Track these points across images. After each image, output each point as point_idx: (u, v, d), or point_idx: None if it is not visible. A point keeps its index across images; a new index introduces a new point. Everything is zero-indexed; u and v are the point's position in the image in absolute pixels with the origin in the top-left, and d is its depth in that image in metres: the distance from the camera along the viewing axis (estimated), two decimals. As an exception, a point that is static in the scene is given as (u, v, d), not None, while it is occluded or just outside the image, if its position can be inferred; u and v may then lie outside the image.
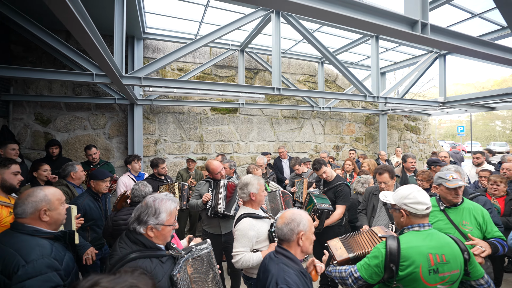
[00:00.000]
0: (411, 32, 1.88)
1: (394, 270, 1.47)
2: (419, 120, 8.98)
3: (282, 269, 1.36)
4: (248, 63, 6.37)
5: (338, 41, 5.96)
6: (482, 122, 51.21)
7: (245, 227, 2.12)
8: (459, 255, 1.49)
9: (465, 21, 4.81)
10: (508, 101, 6.09)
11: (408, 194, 1.57)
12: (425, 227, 1.56)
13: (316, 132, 7.18)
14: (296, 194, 4.21)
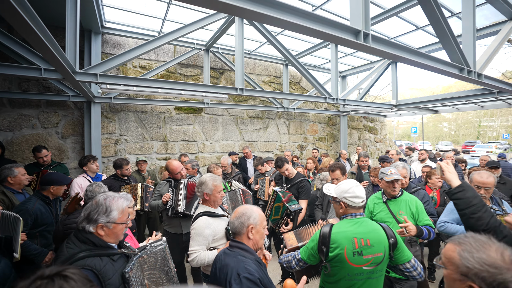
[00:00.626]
0: (355, 41, 2.06)
1: (325, 251, 1.64)
2: (376, 121, 9.66)
3: (241, 260, 1.41)
4: (214, 62, 6.37)
5: (301, 45, 6.21)
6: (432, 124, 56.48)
7: (201, 226, 2.15)
8: (384, 240, 1.68)
9: (411, 32, 5.31)
10: (447, 105, 6.83)
11: (348, 189, 1.74)
12: (356, 216, 1.74)
13: (281, 132, 7.39)
14: (259, 192, 4.31)
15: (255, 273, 1.34)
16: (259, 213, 1.61)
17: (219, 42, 6.02)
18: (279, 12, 1.82)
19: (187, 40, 5.72)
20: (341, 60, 7.15)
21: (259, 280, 1.32)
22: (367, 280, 1.67)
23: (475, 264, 0.87)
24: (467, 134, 51.51)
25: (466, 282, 0.88)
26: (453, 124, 55.91)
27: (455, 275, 0.92)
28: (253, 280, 1.31)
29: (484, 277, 0.85)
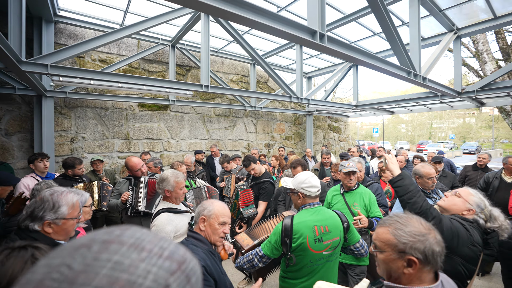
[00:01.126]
0: (312, 40, 2.17)
1: (288, 243, 1.70)
2: (340, 121, 10.16)
3: (190, 250, 1.41)
4: (180, 59, 6.23)
5: (268, 45, 6.32)
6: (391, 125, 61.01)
7: (162, 222, 2.10)
8: (340, 225, 1.81)
9: (369, 38, 5.68)
10: (401, 106, 7.43)
11: (305, 179, 1.83)
12: (314, 205, 1.84)
13: (249, 131, 7.46)
14: (225, 189, 4.32)
15: (200, 261, 1.32)
16: (218, 208, 1.55)
17: (185, 39, 5.91)
18: (243, 10, 1.87)
19: (151, 34, 5.53)
20: (307, 61, 7.40)
21: (204, 268, 1.30)
22: (326, 264, 1.78)
23: (409, 237, 0.97)
24: (421, 135, 56.34)
25: (404, 257, 0.96)
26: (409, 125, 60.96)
27: (394, 254, 0.99)
28: None
29: (418, 247, 0.95)
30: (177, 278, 0.35)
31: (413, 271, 0.97)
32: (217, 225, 1.52)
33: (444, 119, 57.07)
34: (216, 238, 1.52)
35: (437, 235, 0.99)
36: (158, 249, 0.36)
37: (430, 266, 0.97)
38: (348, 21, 4.64)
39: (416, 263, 0.96)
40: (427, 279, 0.99)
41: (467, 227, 1.56)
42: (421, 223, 1.01)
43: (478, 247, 1.56)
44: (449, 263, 1.57)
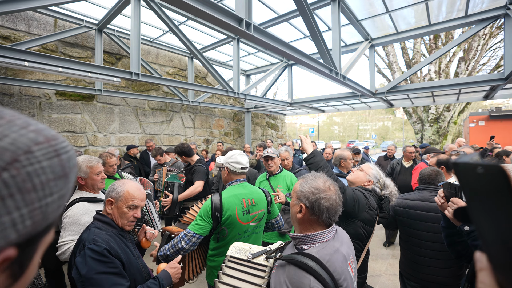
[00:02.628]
0: (238, 27, 2.27)
1: (219, 216, 1.74)
2: (277, 119, 10.70)
3: (93, 232, 1.31)
4: (109, 46, 5.71)
5: (206, 38, 6.27)
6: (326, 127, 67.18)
7: (77, 213, 1.90)
8: (264, 198, 1.95)
9: (301, 39, 6.15)
10: (330, 105, 8.25)
11: (231, 155, 1.92)
12: (241, 181, 1.93)
13: (186, 126, 7.26)
14: (157, 183, 4.13)
15: (102, 244, 1.25)
16: (129, 190, 1.45)
17: (115, 24, 5.45)
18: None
19: (72, 15, 4.93)
20: (245, 58, 7.59)
21: (106, 250, 1.24)
22: (252, 235, 1.88)
23: (307, 189, 1.15)
24: (350, 135, 63.44)
25: (299, 203, 1.15)
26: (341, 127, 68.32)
27: (295, 200, 1.18)
28: (98, 251, 1.22)
29: (309, 197, 1.13)
30: (43, 148, 0.30)
31: (301, 216, 1.14)
32: (126, 209, 1.42)
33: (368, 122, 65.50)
34: (124, 222, 1.44)
35: (332, 195, 1.16)
36: (22, 122, 0.31)
37: (316, 217, 1.13)
38: (281, 21, 4.94)
39: (303, 210, 1.13)
40: (319, 229, 1.15)
41: (366, 195, 1.85)
42: (324, 182, 1.18)
43: (374, 211, 1.86)
44: (352, 227, 1.84)
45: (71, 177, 0.33)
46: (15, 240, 0.27)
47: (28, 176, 0.28)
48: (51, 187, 0.30)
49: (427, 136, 10.65)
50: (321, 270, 0.98)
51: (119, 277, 1.25)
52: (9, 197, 0.26)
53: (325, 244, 1.10)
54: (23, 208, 0.27)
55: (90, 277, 1.17)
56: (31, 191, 0.28)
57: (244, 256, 1.28)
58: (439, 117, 10.46)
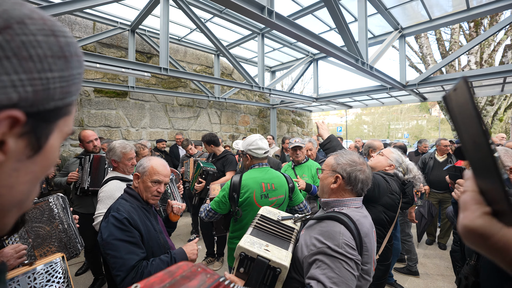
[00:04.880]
0: (260, 15, 2.30)
1: (236, 197, 1.80)
2: (303, 116, 10.58)
3: (119, 203, 1.42)
4: (140, 46, 6.05)
5: (231, 35, 6.39)
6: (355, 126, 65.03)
7: (111, 188, 2.08)
8: (285, 184, 1.96)
9: (328, 31, 6.02)
10: (357, 100, 7.98)
11: (252, 141, 1.94)
12: (263, 165, 1.97)
13: (213, 122, 7.46)
14: (185, 174, 4.30)
15: (123, 213, 1.34)
16: (154, 165, 1.54)
17: (146, 24, 5.76)
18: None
19: (108, 17, 5.30)
20: (270, 54, 7.61)
21: (126, 219, 1.32)
22: None
23: (343, 161, 1.24)
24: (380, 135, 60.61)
25: (334, 175, 1.24)
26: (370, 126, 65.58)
27: (329, 172, 1.26)
28: (119, 219, 1.31)
29: (346, 169, 1.21)
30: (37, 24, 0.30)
31: (336, 186, 1.22)
32: (150, 183, 1.50)
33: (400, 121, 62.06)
34: (149, 195, 1.51)
35: (366, 168, 1.24)
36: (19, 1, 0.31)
37: (351, 187, 1.21)
38: (306, 13, 4.89)
39: (339, 180, 1.21)
40: (348, 197, 1.23)
41: (387, 179, 1.79)
42: (358, 157, 1.27)
43: (396, 196, 1.80)
44: (373, 211, 1.79)
45: (73, 63, 0.34)
46: (17, 100, 0.28)
47: (22, 45, 0.29)
48: (50, 63, 0.31)
49: (466, 132, 9.85)
50: (351, 224, 1.06)
51: (135, 246, 1.32)
52: (5, 58, 0.27)
53: (355, 209, 1.18)
54: (22, 74, 0.28)
55: (109, 242, 1.27)
56: (28, 60, 0.29)
57: (274, 217, 1.33)
58: (481, 112, 9.64)
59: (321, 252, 1.00)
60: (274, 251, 1.09)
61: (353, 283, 0.96)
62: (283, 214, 1.35)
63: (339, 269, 0.95)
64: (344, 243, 0.99)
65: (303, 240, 1.14)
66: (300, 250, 1.12)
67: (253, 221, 1.31)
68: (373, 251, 1.11)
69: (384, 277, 1.88)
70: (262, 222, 1.29)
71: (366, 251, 1.06)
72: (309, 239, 1.09)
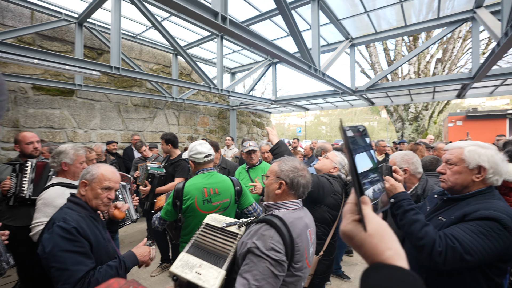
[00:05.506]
0: (214, 21, 2.32)
1: (179, 205, 1.82)
2: (263, 117, 10.79)
3: (64, 212, 1.35)
4: (90, 41, 5.61)
5: (190, 35, 6.26)
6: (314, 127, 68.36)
7: (52, 195, 1.92)
8: (231, 188, 2.01)
9: (286, 37, 6.23)
10: (313, 103, 8.41)
11: (192, 147, 1.98)
12: (207, 170, 2.00)
13: (170, 123, 7.22)
14: (139, 178, 4.11)
15: (72, 222, 1.28)
16: (103, 172, 1.49)
17: (97, 18, 5.37)
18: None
19: (50, 7, 4.82)
20: (230, 56, 7.62)
21: (75, 229, 1.27)
22: None
23: (286, 168, 1.33)
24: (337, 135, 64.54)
25: (279, 181, 1.32)
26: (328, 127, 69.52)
27: (273, 179, 1.34)
28: (67, 228, 1.25)
29: (288, 175, 1.30)
30: None
31: (280, 192, 1.31)
32: (100, 190, 1.46)
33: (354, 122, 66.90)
34: (98, 202, 1.47)
35: (306, 174, 1.35)
36: None
37: (294, 191, 1.32)
38: (263, 19, 5.01)
39: (283, 186, 1.30)
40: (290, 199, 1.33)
41: (331, 181, 1.95)
42: (299, 163, 1.37)
43: (339, 196, 1.97)
44: (318, 211, 1.93)
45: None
46: None
47: None
48: None
49: (407, 134, 11.02)
50: (283, 227, 1.14)
51: (85, 257, 1.27)
52: None
53: (292, 211, 1.27)
54: None
55: (54, 254, 1.20)
56: None
57: (219, 225, 1.37)
58: (418, 116, 10.85)
59: (251, 251, 1.10)
60: (207, 274, 1.13)
61: (275, 282, 1.08)
62: (228, 220, 1.39)
63: (263, 268, 1.05)
64: (271, 246, 1.09)
65: (243, 239, 1.22)
66: (239, 249, 1.20)
67: (196, 233, 1.34)
68: (305, 249, 1.22)
69: (329, 271, 2.04)
70: (204, 234, 1.33)
71: (298, 251, 1.17)
72: (246, 239, 1.17)
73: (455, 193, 1.40)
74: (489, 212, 1.18)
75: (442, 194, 1.50)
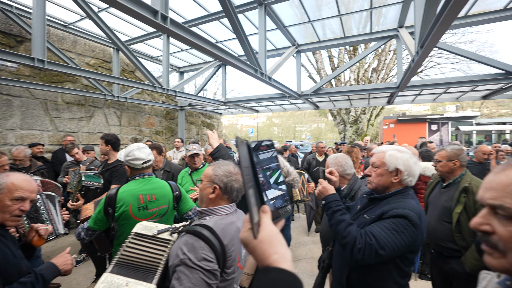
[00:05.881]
0: (153, 19, 2.20)
1: (111, 212, 1.69)
2: (213, 118, 10.65)
3: None
4: (5, 25, 4.81)
5: (134, 30, 5.84)
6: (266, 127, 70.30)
7: None
8: (169, 194, 1.93)
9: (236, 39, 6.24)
10: (262, 105, 8.62)
11: (129, 152, 1.85)
12: (145, 176, 1.89)
13: (111, 123, 6.63)
14: (70, 185, 3.68)
15: None
16: (14, 181, 1.30)
17: (19, 1, 4.64)
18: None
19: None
20: (178, 55, 7.34)
21: None
22: None
23: (221, 172, 1.32)
24: (288, 136, 67.37)
25: (213, 185, 1.32)
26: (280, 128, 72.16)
27: (207, 183, 1.34)
28: None
29: (222, 179, 1.32)
30: None
31: (214, 196, 1.30)
32: (9, 201, 1.27)
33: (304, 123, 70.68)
34: (6, 216, 1.28)
35: (239, 178, 1.35)
36: None
37: (228, 196, 1.33)
38: (212, 19, 4.94)
39: (217, 190, 1.30)
40: (223, 204, 1.33)
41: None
42: (234, 167, 1.37)
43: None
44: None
45: None
46: None
47: None
48: None
49: (348, 135, 12.04)
50: (212, 237, 1.14)
51: None
52: None
53: (224, 216, 1.27)
54: None
55: None
56: None
57: (149, 233, 1.30)
58: (358, 119, 11.95)
59: (183, 263, 1.08)
60: None
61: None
62: (160, 227, 1.33)
63: (196, 279, 1.05)
64: (203, 257, 1.09)
65: (174, 247, 1.18)
66: (171, 258, 1.16)
67: (120, 249, 1.25)
68: (238, 253, 1.26)
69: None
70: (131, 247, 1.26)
71: (230, 256, 1.19)
72: (176, 248, 1.14)
73: (379, 193, 1.55)
74: (400, 210, 1.34)
75: (370, 194, 1.64)
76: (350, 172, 2.15)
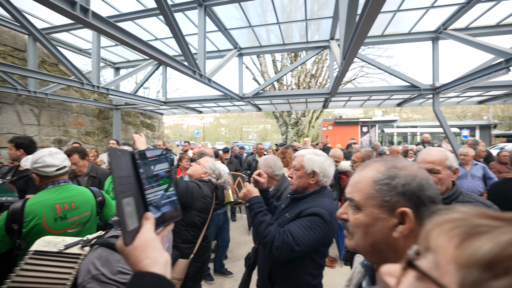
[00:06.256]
0: (71, 11, 2.00)
1: (17, 229, 1.48)
2: (154, 119, 10.07)
3: None
4: None
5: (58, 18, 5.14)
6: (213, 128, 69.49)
7: None
8: (91, 200, 1.79)
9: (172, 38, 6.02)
10: (206, 106, 8.53)
11: (38, 158, 1.64)
12: (60, 183, 1.71)
13: (26, 123, 5.72)
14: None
15: None
16: None
17: None
18: None
19: None
20: (113, 49, 6.76)
21: None
22: None
23: None
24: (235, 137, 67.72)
25: None
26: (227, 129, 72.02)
27: None
28: None
29: None
30: None
31: None
32: None
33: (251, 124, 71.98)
34: None
35: None
36: None
37: None
38: (149, 15, 4.69)
39: None
40: None
41: (200, 185, 2.02)
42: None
43: (208, 199, 2.06)
44: (188, 216, 1.97)
45: None
46: None
47: None
48: None
49: (290, 136, 12.71)
50: None
51: None
52: None
53: None
54: None
55: None
56: None
57: (54, 249, 1.15)
58: (298, 121, 12.71)
59: (95, 279, 0.99)
60: None
61: None
62: (68, 241, 1.21)
63: None
64: (118, 270, 1.02)
65: (85, 263, 1.08)
66: (81, 275, 1.05)
67: (11, 275, 1.10)
68: None
69: (201, 272, 2.11)
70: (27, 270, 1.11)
71: None
72: (88, 263, 1.05)
73: (299, 193, 1.69)
74: (314, 209, 1.49)
75: (293, 194, 1.78)
76: (279, 173, 2.30)
